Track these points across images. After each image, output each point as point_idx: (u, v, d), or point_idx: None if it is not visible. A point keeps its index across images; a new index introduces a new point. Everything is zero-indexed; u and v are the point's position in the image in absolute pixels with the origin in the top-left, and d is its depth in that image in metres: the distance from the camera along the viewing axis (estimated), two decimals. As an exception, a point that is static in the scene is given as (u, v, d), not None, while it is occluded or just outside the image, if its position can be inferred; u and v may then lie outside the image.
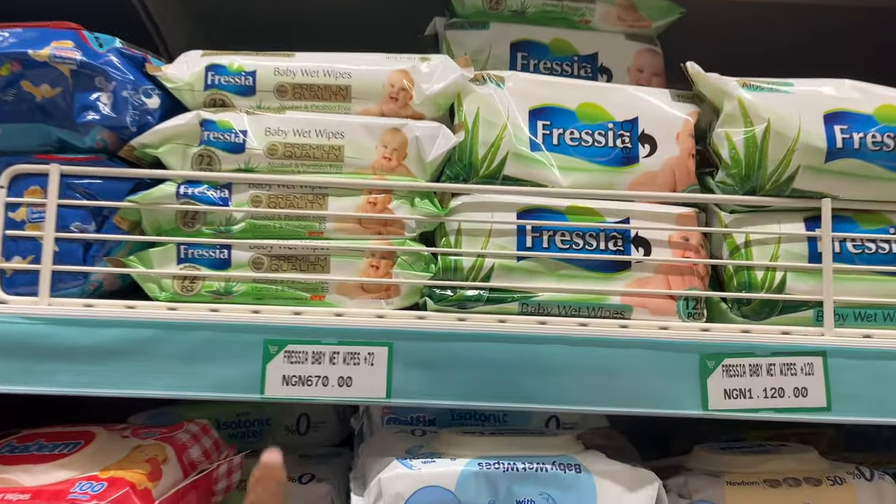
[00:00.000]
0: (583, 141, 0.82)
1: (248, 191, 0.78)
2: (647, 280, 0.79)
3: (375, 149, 0.80)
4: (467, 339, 0.74)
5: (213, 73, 0.80)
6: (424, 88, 0.80)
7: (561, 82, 0.85)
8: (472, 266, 0.78)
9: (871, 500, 0.81)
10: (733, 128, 0.80)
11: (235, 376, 0.73)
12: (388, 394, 0.73)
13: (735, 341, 0.75)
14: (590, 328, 0.76)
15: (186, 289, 0.77)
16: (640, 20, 1.03)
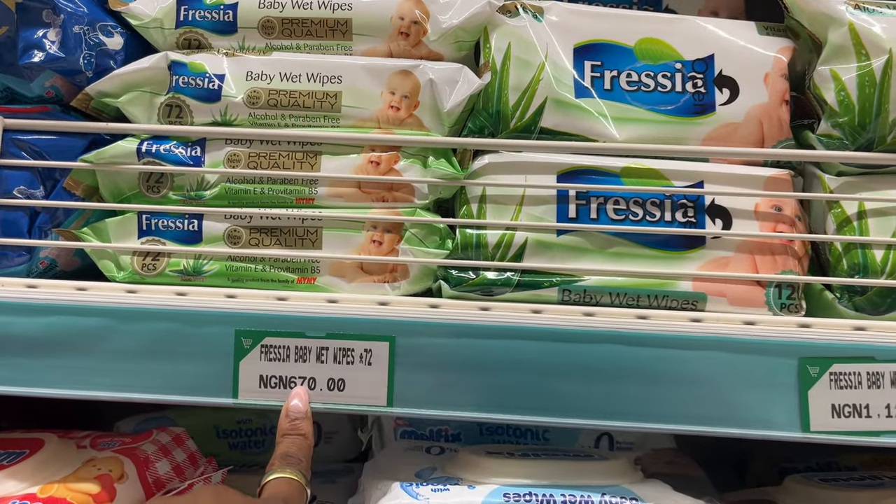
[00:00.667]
0: (643, 85, 0.65)
1: (225, 148, 0.64)
2: (726, 261, 0.61)
3: (381, 96, 0.64)
4: (492, 335, 0.58)
5: (187, 7, 0.66)
6: (442, 21, 0.64)
7: (615, 13, 0.68)
8: (500, 242, 0.62)
9: None
10: (842, 63, 0.61)
11: (201, 376, 0.58)
12: (388, 401, 0.57)
13: (847, 341, 0.57)
14: (651, 322, 0.58)
15: (148, 267, 0.63)
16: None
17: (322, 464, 0.90)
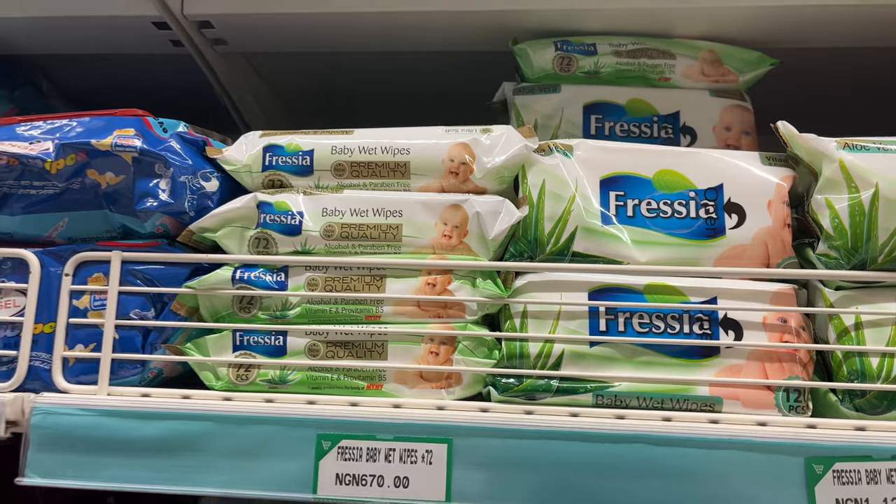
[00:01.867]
0: (661, 212, 0.75)
1: (305, 274, 0.76)
2: (739, 368, 0.70)
3: (435, 226, 0.75)
4: (535, 437, 0.67)
5: (271, 154, 0.79)
6: (486, 161, 0.76)
7: (635, 148, 0.78)
8: (540, 352, 0.72)
9: None
10: (835, 194, 0.71)
11: (288, 473, 0.69)
12: (447, 497, 0.67)
13: (848, 442, 0.65)
14: (675, 424, 0.67)
15: (241, 377, 0.75)
16: (727, 74, 0.96)
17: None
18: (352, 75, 1.20)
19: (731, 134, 0.93)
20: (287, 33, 1.05)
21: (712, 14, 0.93)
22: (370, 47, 1.08)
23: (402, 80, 1.17)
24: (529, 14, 0.95)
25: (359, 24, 1.01)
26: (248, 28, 1.03)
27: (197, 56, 1.10)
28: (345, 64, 1.16)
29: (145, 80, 1.24)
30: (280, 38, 1.06)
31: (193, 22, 1.03)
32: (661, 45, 0.96)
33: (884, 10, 0.90)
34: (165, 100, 1.26)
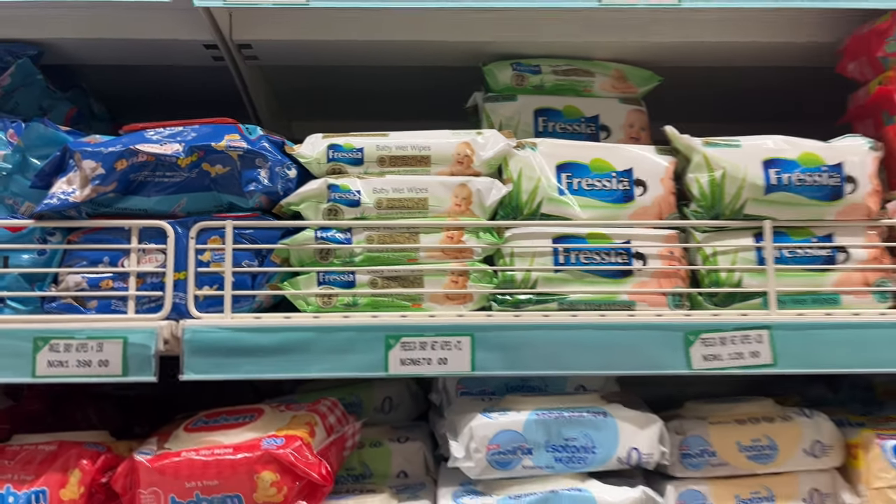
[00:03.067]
0: (595, 186, 1.16)
1: (364, 233, 1.12)
2: (645, 283, 1.13)
3: (450, 199, 1.13)
4: (522, 329, 1.07)
5: (333, 150, 1.14)
6: (482, 155, 1.14)
7: (577, 145, 1.19)
8: (523, 279, 1.12)
9: (811, 430, 1.14)
10: (700, 173, 1.14)
11: (368, 361, 1.06)
12: (472, 368, 1.06)
13: (708, 321, 1.09)
14: (607, 317, 1.09)
15: (325, 303, 1.11)
16: (629, 87, 1.38)
17: (399, 422, 1.37)
18: (347, 82, 1.54)
19: (633, 130, 1.36)
20: (302, 52, 1.37)
21: (618, 46, 1.34)
22: (370, 62, 1.42)
23: (391, 85, 1.53)
24: (490, 44, 1.33)
25: (365, 48, 1.36)
26: (278, 49, 1.36)
27: (233, 68, 1.42)
28: (342, 74, 1.50)
29: (176, 85, 1.53)
30: (297, 55, 1.39)
31: (237, 44, 1.35)
32: (584, 66, 1.36)
33: (729, 45, 1.34)
34: (195, 101, 1.56)
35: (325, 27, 1.30)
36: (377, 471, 1.22)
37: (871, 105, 1.26)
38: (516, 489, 1.06)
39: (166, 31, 1.31)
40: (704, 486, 1.12)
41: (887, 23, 1.21)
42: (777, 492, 1.12)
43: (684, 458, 1.12)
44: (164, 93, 1.58)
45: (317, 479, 1.02)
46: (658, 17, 1.26)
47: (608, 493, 1.04)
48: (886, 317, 1.12)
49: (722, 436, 1.13)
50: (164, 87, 1.56)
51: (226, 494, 1.02)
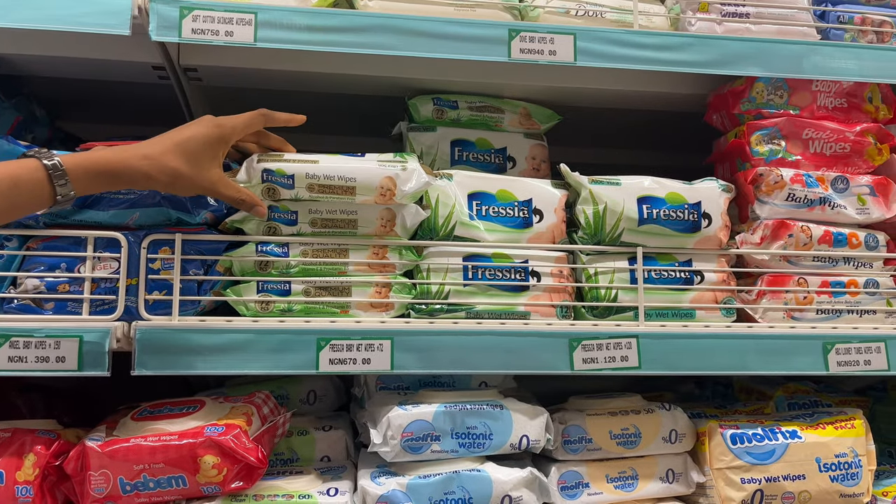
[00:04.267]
0: (500, 213, 1.36)
1: (300, 247, 1.28)
2: (539, 296, 1.34)
3: (377, 221, 1.31)
4: (435, 334, 1.26)
5: (267, 174, 1.28)
6: (403, 189, 1.31)
7: (486, 177, 1.39)
8: (438, 291, 1.31)
9: (669, 421, 1.38)
10: (586, 206, 1.37)
11: (301, 360, 1.22)
12: (392, 367, 1.24)
13: (589, 330, 1.31)
14: (507, 325, 1.30)
15: (263, 309, 1.27)
16: (533, 124, 1.59)
17: (323, 412, 1.54)
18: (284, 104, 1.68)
19: (535, 161, 1.57)
20: (245, 78, 1.51)
21: (525, 89, 1.55)
22: (307, 89, 1.58)
23: (325, 107, 1.68)
24: (414, 81, 1.51)
25: (303, 77, 1.51)
26: (222, 74, 1.49)
27: (177, 87, 1.54)
28: (280, 97, 1.64)
29: (118, 95, 1.64)
30: (240, 80, 1.53)
31: (184, 68, 1.47)
32: (496, 104, 1.57)
33: (620, 92, 1.57)
34: (136, 110, 1.67)
35: (268, 60, 1.43)
36: (303, 455, 1.39)
37: (728, 152, 1.52)
38: (425, 470, 1.25)
39: (118, 54, 1.41)
40: (582, 468, 1.34)
41: (742, 86, 1.47)
42: (640, 472, 1.36)
43: (566, 444, 1.34)
44: (104, 100, 1.69)
45: (253, 462, 1.18)
46: (558, 69, 1.47)
47: (502, 472, 1.25)
48: (731, 329, 1.37)
49: (597, 425, 1.36)
50: (106, 96, 1.66)
51: (171, 475, 1.17)
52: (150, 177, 1.11)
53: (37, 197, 1.02)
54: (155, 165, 1.10)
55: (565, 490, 1.32)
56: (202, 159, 1.15)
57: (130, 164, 1.09)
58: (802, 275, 1.42)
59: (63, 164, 1.03)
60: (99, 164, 1.07)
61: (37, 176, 1.02)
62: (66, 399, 1.64)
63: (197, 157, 1.14)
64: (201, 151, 1.15)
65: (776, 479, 1.32)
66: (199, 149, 1.15)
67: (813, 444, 1.35)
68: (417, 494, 1.21)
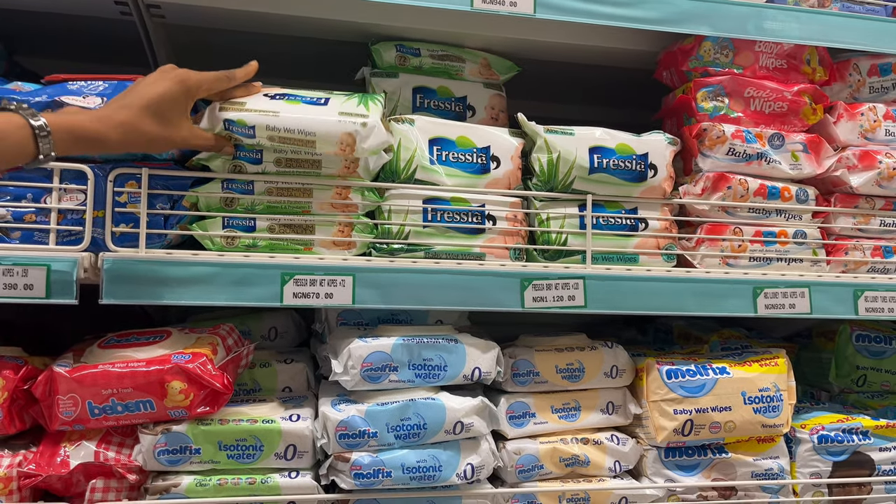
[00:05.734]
0: (459, 159, 1.42)
1: (265, 185, 1.32)
2: (494, 239, 1.42)
3: (341, 163, 1.35)
4: (394, 272, 1.33)
5: (228, 124, 1.30)
6: (363, 146, 1.34)
7: (446, 123, 1.44)
8: (398, 231, 1.37)
9: (610, 358, 1.49)
10: (541, 154, 1.44)
11: (266, 293, 1.27)
12: (353, 301, 1.30)
13: (539, 271, 1.39)
14: (463, 265, 1.37)
15: (229, 244, 1.31)
16: (493, 74, 1.64)
17: (284, 348, 1.60)
18: (246, 45, 1.70)
19: (494, 112, 1.63)
20: (208, 17, 1.52)
21: (486, 39, 1.60)
22: (269, 31, 1.60)
23: (288, 51, 1.70)
24: (377, 27, 1.54)
25: (266, 18, 1.53)
26: (185, 11, 1.50)
27: (139, 24, 1.54)
28: (242, 37, 1.65)
29: (78, 30, 1.63)
30: (202, 19, 1.53)
31: (146, 4, 1.48)
32: (457, 53, 1.61)
33: (576, 46, 1.63)
34: (95, 45, 1.66)
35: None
36: (266, 386, 1.45)
37: (676, 107, 1.61)
38: (383, 398, 1.33)
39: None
40: (529, 399, 1.44)
41: (691, 45, 1.55)
42: (583, 404, 1.47)
43: (514, 376, 1.43)
44: (64, 35, 1.67)
45: (219, 388, 1.24)
46: (518, 21, 1.52)
47: (455, 401, 1.34)
48: (671, 273, 1.47)
49: (544, 360, 1.45)
50: (65, 30, 1.65)
51: (139, 400, 1.22)
52: (127, 143, 1.16)
53: (19, 154, 1.05)
54: (131, 133, 1.15)
55: (513, 419, 1.42)
56: (173, 118, 1.19)
57: (107, 135, 1.13)
58: (738, 224, 1.53)
59: (48, 126, 1.06)
60: (79, 130, 1.10)
61: (22, 133, 1.05)
62: (26, 333, 1.66)
63: (168, 117, 1.18)
64: (171, 110, 1.19)
65: (705, 411, 1.44)
66: (169, 108, 1.18)
67: (739, 380, 1.47)
68: (375, 420, 1.29)
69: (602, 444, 1.45)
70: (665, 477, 1.46)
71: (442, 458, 1.31)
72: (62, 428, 1.23)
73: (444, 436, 1.33)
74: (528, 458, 1.40)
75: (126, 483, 1.22)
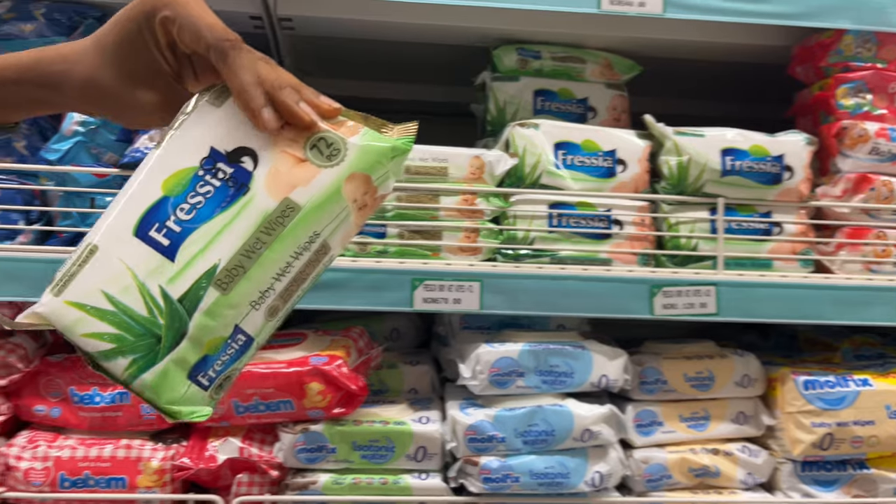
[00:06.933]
0: (585, 162, 1.41)
1: (395, 193, 1.35)
2: (621, 244, 1.40)
3: (467, 169, 1.37)
4: (520, 278, 1.33)
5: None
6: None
7: (571, 126, 1.43)
8: (524, 237, 1.37)
9: (741, 367, 1.44)
10: (670, 157, 1.40)
11: (396, 298, 1.30)
12: (481, 307, 1.31)
13: (669, 277, 1.36)
14: (589, 271, 1.36)
15: (361, 249, 1.35)
16: (614, 75, 1.62)
17: (405, 349, 1.63)
18: (368, 54, 1.74)
19: (616, 113, 1.60)
20: (335, 27, 1.57)
21: (608, 39, 1.57)
22: (393, 38, 1.63)
23: (407, 57, 1.73)
24: (498, 31, 1.55)
25: (390, 27, 1.56)
26: (315, 23, 1.55)
27: (271, 37, 1.61)
28: (363, 45, 1.70)
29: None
30: (330, 29, 1.58)
31: (279, 17, 1.53)
32: (578, 54, 1.59)
33: (705, 43, 1.58)
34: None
35: (359, 9, 1.49)
36: (392, 387, 1.49)
37: (812, 105, 1.53)
38: (510, 403, 1.33)
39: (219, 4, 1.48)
40: (657, 407, 1.41)
41: (831, 38, 1.47)
42: (712, 413, 1.43)
43: (642, 384, 1.41)
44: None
45: (354, 390, 1.28)
46: (644, 21, 1.48)
47: (582, 408, 1.33)
48: (808, 280, 1.41)
49: (672, 368, 1.42)
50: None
51: (280, 400, 1.28)
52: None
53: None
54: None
55: (640, 427, 1.39)
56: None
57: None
58: (882, 228, 1.44)
59: None
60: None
61: None
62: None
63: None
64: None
65: (846, 424, 1.37)
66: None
67: (883, 392, 1.39)
68: (503, 425, 1.30)
69: (733, 455, 1.41)
70: (801, 492, 1.40)
71: (570, 465, 1.31)
72: (209, 424, 1.30)
73: (572, 443, 1.32)
74: (656, 468, 1.38)
75: (268, 478, 1.28)
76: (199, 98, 0.63)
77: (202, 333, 0.58)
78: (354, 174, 0.61)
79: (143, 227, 0.58)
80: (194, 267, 0.58)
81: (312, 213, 0.60)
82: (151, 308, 0.57)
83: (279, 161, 0.61)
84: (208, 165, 0.60)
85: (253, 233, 0.59)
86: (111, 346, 0.56)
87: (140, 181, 0.60)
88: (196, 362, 0.58)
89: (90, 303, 0.56)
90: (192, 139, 0.61)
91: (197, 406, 0.58)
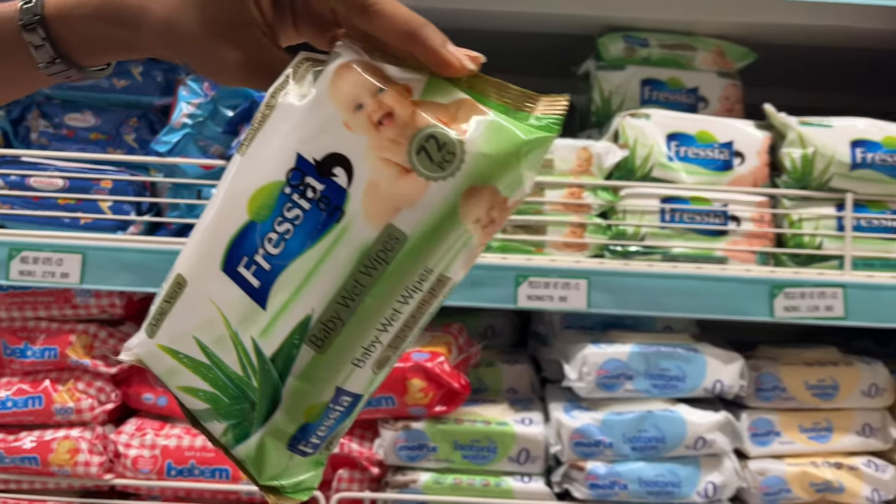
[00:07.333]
0: (699, 155, 1.33)
1: (498, 186, 1.31)
2: (738, 241, 1.31)
3: (573, 160, 1.31)
4: (628, 276, 1.27)
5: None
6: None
7: (684, 117, 1.36)
8: (634, 232, 1.31)
9: (868, 375, 1.34)
10: (793, 149, 1.31)
11: (499, 295, 1.26)
12: (588, 306, 1.26)
13: (791, 278, 1.27)
14: (703, 269, 1.28)
15: (463, 244, 1.31)
16: (727, 63, 1.53)
17: (501, 347, 1.59)
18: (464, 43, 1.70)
19: (729, 102, 1.51)
20: (433, 18, 1.53)
21: (719, 25, 1.48)
22: (493, 27, 1.58)
23: (508, 47, 1.69)
24: (603, 18, 1.48)
25: (485, 15, 1.51)
26: (415, 13, 1.52)
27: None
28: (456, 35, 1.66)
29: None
30: (429, 19, 1.55)
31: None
32: (688, 41, 1.51)
33: (821, 27, 1.48)
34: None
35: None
36: (491, 386, 1.45)
37: (951, 92, 1.41)
38: (617, 407, 1.27)
39: None
40: (774, 416, 1.32)
41: (975, 19, 1.34)
42: (835, 424, 1.33)
43: (758, 391, 1.32)
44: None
45: (457, 388, 1.24)
46: (756, 4, 1.39)
47: (696, 415, 1.26)
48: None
49: (792, 375, 1.33)
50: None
51: (381, 395, 1.25)
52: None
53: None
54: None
55: (756, 437, 1.31)
56: None
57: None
58: None
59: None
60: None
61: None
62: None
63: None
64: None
65: None
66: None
67: None
68: (611, 430, 1.24)
69: (858, 469, 1.31)
70: (936, 513, 1.29)
71: (681, 474, 1.24)
72: (309, 418, 1.29)
73: (684, 451, 1.25)
74: (773, 480, 1.29)
75: (368, 475, 1.26)
76: (283, 84, 0.49)
77: (299, 401, 0.47)
78: (474, 188, 0.46)
79: (231, 261, 0.48)
80: (286, 318, 0.46)
81: (421, 245, 0.46)
82: (245, 366, 0.47)
83: (378, 171, 0.46)
84: (295, 180, 0.47)
85: (350, 273, 0.46)
86: (206, 407, 0.48)
87: (223, 196, 0.49)
88: (294, 433, 0.48)
89: (183, 350, 0.48)
90: (277, 143, 0.48)
91: (302, 475, 0.49)
